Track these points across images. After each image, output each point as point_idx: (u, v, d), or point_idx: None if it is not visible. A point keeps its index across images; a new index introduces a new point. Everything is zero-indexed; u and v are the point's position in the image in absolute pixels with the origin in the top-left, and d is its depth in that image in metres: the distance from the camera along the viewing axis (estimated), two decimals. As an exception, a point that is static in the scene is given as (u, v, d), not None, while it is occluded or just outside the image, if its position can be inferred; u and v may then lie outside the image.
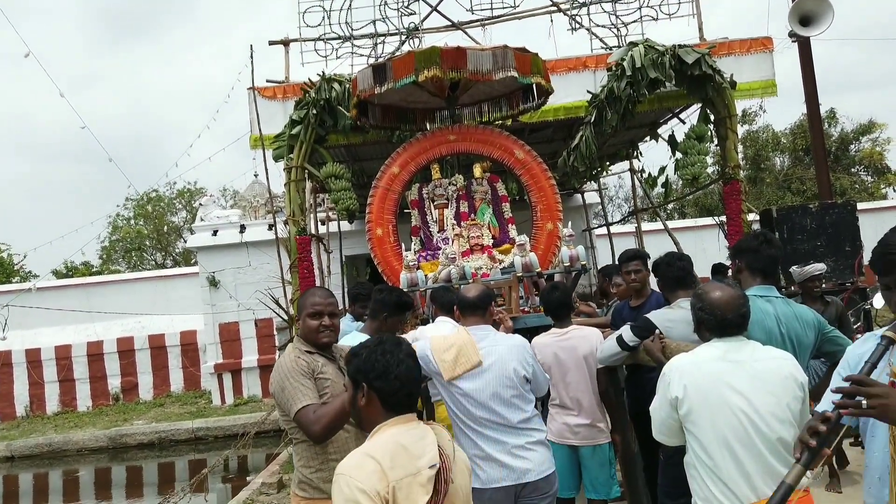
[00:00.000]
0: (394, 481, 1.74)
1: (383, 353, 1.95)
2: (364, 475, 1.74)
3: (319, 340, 2.77)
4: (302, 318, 2.82)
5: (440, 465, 1.82)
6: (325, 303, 2.80)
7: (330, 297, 2.87)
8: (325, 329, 2.78)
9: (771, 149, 22.24)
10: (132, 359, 13.95)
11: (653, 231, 11.98)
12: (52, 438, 11.86)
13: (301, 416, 2.54)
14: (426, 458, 1.82)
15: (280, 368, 2.67)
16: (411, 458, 1.81)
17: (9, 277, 20.57)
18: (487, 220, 5.61)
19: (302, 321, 2.82)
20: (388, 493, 1.72)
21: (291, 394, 2.58)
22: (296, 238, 6.32)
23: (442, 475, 1.82)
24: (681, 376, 2.36)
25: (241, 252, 12.87)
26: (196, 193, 24.69)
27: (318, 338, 2.77)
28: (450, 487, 1.83)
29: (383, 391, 1.91)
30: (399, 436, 1.85)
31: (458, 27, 8.36)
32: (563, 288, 4.17)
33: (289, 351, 2.76)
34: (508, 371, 3.01)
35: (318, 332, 2.76)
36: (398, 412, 1.91)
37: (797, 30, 8.22)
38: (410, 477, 1.78)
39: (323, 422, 2.51)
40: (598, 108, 6.20)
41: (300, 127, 6.24)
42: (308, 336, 2.79)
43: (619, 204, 25.87)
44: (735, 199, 6.20)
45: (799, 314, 2.84)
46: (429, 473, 1.79)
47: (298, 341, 2.83)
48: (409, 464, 1.79)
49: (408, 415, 1.93)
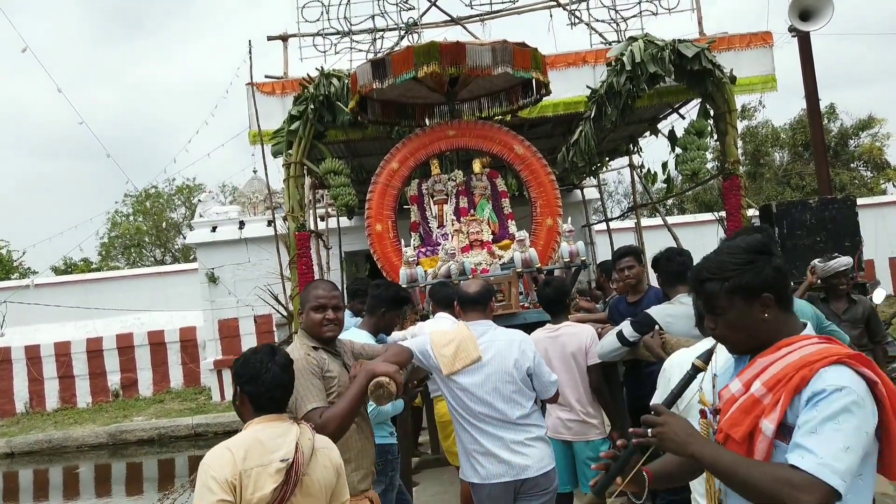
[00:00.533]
0: (242, 470, 2.04)
1: (256, 361, 2.26)
2: (217, 464, 2.05)
3: (323, 334, 2.71)
4: (305, 312, 2.75)
5: (294, 459, 2.10)
6: (328, 296, 2.74)
7: (334, 289, 2.81)
8: (329, 323, 2.71)
9: (770, 144, 22.22)
10: (132, 355, 13.95)
11: (652, 227, 11.97)
12: (52, 435, 11.87)
13: (308, 419, 2.47)
14: (281, 452, 2.11)
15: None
16: (265, 451, 2.10)
17: (8, 274, 20.56)
18: (487, 216, 5.60)
19: (305, 314, 2.75)
20: (235, 479, 2.03)
21: (302, 393, 2.52)
22: (295, 234, 6.31)
23: (294, 468, 2.09)
24: (681, 372, 2.35)
25: (240, 248, 12.86)
26: (195, 190, 24.70)
27: (322, 332, 2.71)
28: (304, 479, 2.13)
29: (251, 394, 2.23)
30: (259, 432, 2.16)
31: (456, 22, 8.34)
32: (557, 284, 4.16)
33: (297, 347, 2.70)
34: (508, 366, 3.00)
35: (322, 326, 2.70)
36: (265, 412, 2.22)
37: (797, 24, 8.21)
38: (261, 467, 2.07)
39: (330, 427, 2.46)
40: (598, 103, 6.19)
41: (299, 123, 6.22)
42: (311, 330, 2.73)
43: (618, 199, 25.87)
44: (735, 195, 6.19)
45: (798, 308, 2.84)
46: (279, 465, 2.08)
47: (303, 335, 2.77)
48: (262, 456, 2.09)
49: (274, 415, 2.23)
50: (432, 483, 5.84)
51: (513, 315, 4.46)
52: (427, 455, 6.38)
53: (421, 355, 3.03)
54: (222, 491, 2.02)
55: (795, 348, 1.57)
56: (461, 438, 3.06)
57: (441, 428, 4.64)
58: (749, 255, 1.67)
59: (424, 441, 6.66)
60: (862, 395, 1.46)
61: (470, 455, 3.01)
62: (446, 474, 5.72)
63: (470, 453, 3.01)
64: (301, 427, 2.25)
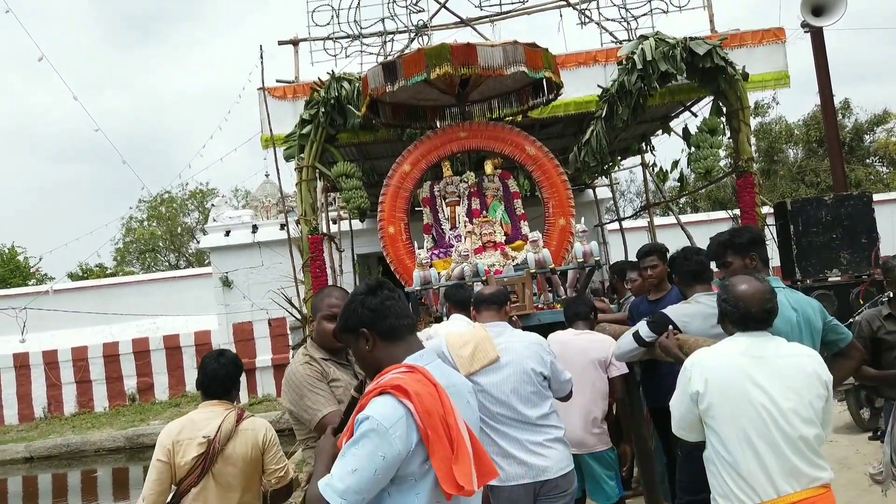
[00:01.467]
0: (175, 440, 2.78)
1: (206, 359, 2.94)
2: (164, 434, 2.84)
3: (336, 344, 2.59)
4: (317, 321, 2.63)
5: (214, 437, 2.77)
6: (342, 304, 2.65)
7: (347, 297, 2.74)
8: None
9: (784, 141, 22.01)
10: (147, 359, 14.05)
11: (666, 225, 11.90)
12: (70, 439, 11.98)
13: (325, 424, 2.34)
14: (205, 430, 2.78)
15: (293, 377, 2.52)
16: (195, 428, 2.81)
17: (25, 280, 20.79)
18: (499, 217, 5.60)
19: (317, 323, 2.63)
20: (170, 446, 2.77)
21: (312, 402, 2.45)
22: (308, 237, 6.34)
23: (213, 443, 2.76)
24: (702, 371, 2.33)
25: (253, 252, 12.93)
26: (208, 194, 24.86)
27: (335, 342, 2.57)
28: (225, 452, 2.78)
29: (198, 383, 2.96)
30: (196, 414, 2.89)
31: (466, 24, 8.34)
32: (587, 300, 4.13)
33: (299, 358, 2.61)
34: (526, 367, 2.98)
35: (335, 336, 2.56)
36: (209, 398, 2.92)
37: (810, 20, 8.13)
38: (189, 440, 2.78)
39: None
40: (609, 102, 6.16)
41: (310, 126, 6.25)
42: (324, 341, 2.62)
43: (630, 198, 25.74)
44: (749, 193, 6.14)
45: (808, 301, 2.84)
46: (200, 440, 2.76)
47: (312, 346, 2.66)
48: (192, 432, 2.80)
49: (217, 401, 2.91)
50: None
51: (527, 316, 4.45)
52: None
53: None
54: (161, 453, 2.78)
55: (382, 377, 1.78)
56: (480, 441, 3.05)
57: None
58: (354, 298, 1.99)
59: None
60: (387, 423, 1.65)
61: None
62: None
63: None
64: (230, 413, 2.84)
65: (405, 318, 1.98)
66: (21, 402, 13.87)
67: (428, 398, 1.72)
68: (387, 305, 1.93)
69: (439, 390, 1.76)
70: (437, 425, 1.70)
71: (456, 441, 1.72)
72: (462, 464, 1.71)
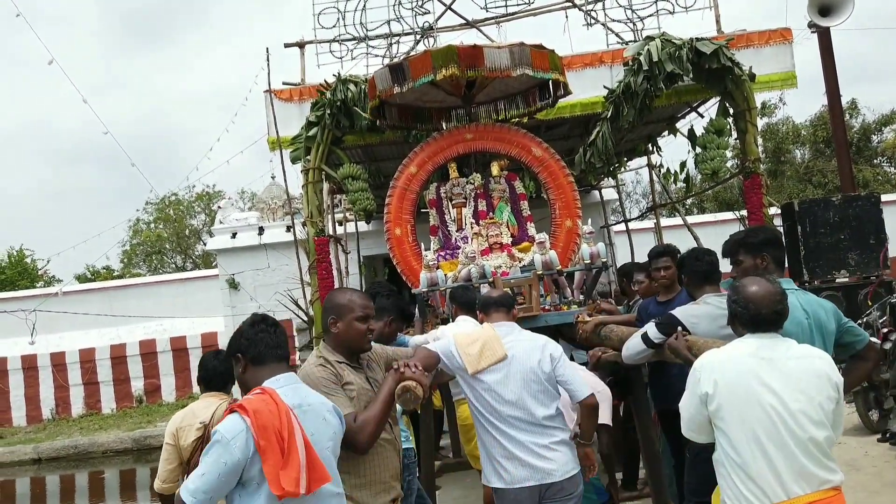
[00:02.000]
0: (178, 426, 3.31)
1: (204, 357, 3.59)
2: (170, 422, 3.38)
3: (364, 346, 2.65)
4: (346, 322, 2.59)
5: (209, 422, 3.18)
6: (370, 306, 2.66)
7: (370, 299, 2.74)
8: (370, 333, 2.65)
9: (791, 141, 21.92)
10: (154, 361, 14.11)
11: (672, 226, 11.87)
12: (78, 441, 12.03)
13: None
14: (201, 417, 3.26)
15: (308, 379, 2.50)
16: (194, 416, 3.31)
17: (33, 282, 20.90)
18: (506, 219, 5.59)
19: (345, 325, 2.59)
20: (175, 431, 3.31)
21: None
22: (314, 240, 6.35)
23: (208, 428, 3.14)
24: (711, 372, 2.33)
25: (259, 254, 12.96)
26: (214, 196, 24.94)
27: (364, 343, 2.63)
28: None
29: (201, 379, 3.52)
30: (195, 405, 3.42)
31: (472, 25, 8.34)
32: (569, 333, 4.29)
33: (312, 360, 2.61)
34: (534, 365, 2.97)
35: (365, 337, 2.62)
36: (209, 390, 3.46)
37: (816, 20, 8.11)
38: (189, 426, 3.29)
39: (368, 429, 2.41)
40: (615, 103, 6.15)
41: (317, 129, 6.26)
42: (354, 341, 2.62)
43: (636, 199, 25.70)
44: (756, 194, 6.11)
45: (820, 303, 2.80)
46: (198, 426, 3.25)
47: (326, 349, 2.64)
48: (192, 419, 3.31)
49: (215, 392, 3.44)
50: (454, 487, 5.83)
51: (534, 318, 4.44)
52: (448, 458, 6.38)
53: (445, 357, 3.02)
54: (169, 437, 3.32)
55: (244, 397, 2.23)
56: (484, 442, 3.03)
57: (463, 432, 4.64)
58: (240, 327, 2.40)
59: (445, 444, 6.65)
60: (229, 436, 2.06)
61: (493, 459, 2.98)
62: (468, 478, 5.71)
63: (493, 457, 2.98)
64: (224, 403, 3.28)
65: (275, 348, 2.35)
66: (29, 404, 13.95)
67: (266, 415, 2.11)
68: (260, 337, 2.34)
69: (280, 409, 2.14)
70: (271, 437, 2.08)
71: (287, 451, 2.10)
72: (290, 470, 2.08)
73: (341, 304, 2.64)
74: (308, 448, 2.14)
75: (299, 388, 2.31)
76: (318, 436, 2.22)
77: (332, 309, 2.65)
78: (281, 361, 2.35)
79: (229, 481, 2.06)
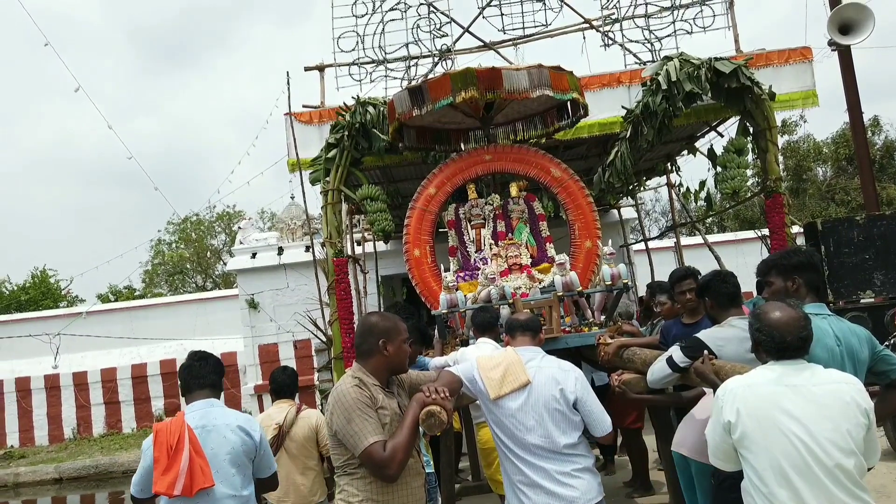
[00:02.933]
0: (262, 425, 3.38)
1: (275, 372, 4.39)
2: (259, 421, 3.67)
3: (406, 368, 2.80)
4: (395, 344, 2.64)
5: (281, 422, 4.12)
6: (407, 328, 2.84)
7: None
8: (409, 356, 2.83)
9: (812, 159, 21.71)
10: (174, 381, 14.15)
11: (692, 245, 11.78)
12: (99, 460, 12.09)
13: (371, 453, 2.40)
14: (277, 419, 4.15)
15: (344, 398, 2.50)
16: (271, 419, 4.16)
17: (56, 302, 21.19)
18: (525, 239, 5.58)
19: (395, 347, 2.64)
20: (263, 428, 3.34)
21: (360, 427, 2.43)
22: (333, 260, 6.38)
23: (282, 427, 4.11)
24: (734, 399, 2.28)
25: (279, 274, 13.03)
26: (235, 216, 25.19)
27: (406, 365, 2.78)
28: (291, 433, 4.15)
29: (272, 389, 4.36)
30: (271, 410, 4.29)
31: (490, 47, 8.40)
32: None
33: (348, 380, 2.59)
34: (557, 393, 2.90)
35: (408, 359, 2.78)
36: (279, 398, 4.32)
37: (837, 38, 8.04)
38: (267, 426, 3.99)
39: (398, 458, 2.41)
40: (634, 123, 6.14)
41: (336, 150, 6.32)
42: (401, 363, 2.69)
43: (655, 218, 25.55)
44: (778, 213, 6.05)
45: (853, 330, 2.73)
46: (274, 426, 4.10)
47: (361, 372, 2.64)
48: (270, 421, 4.14)
49: (284, 400, 4.31)
50: (474, 510, 5.76)
51: (554, 339, 4.40)
52: (468, 482, 6.31)
53: (468, 381, 2.99)
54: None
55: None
56: (506, 469, 2.99)
57: (484, 455, 4.59)
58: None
59: (465, 467, 6.59)
60: (145, 447, 2.96)
61: (515, 486, 2.93)
62: (488, 502, 5.64)
63: (515, 484, 2.93)
64: (292, 408, 4.21)
65: (198, 378, 3.09)
66: (51, 423, 14.07)
67: (164, 433, 2.91)
68: (191, 369, 3.12)
69: (182, 427, 2.90)
70: (163, 449, 2.86)
71: (172, 459, 2.83)
72: (167, 475, 2.81)
73: (390, 327, 2.67)
74: (192, 458, 2.83)
75: (210, 411, 3.01)
76: (216, 450, 2.92)
77: (381, 332, 2.65)
78: (203, 389, 3.09)
79: (149, 478, 2.91)
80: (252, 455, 3.01)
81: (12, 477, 11.93)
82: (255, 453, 3.02)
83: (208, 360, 3.14)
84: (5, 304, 20.76)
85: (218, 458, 2.88)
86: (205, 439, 2.88)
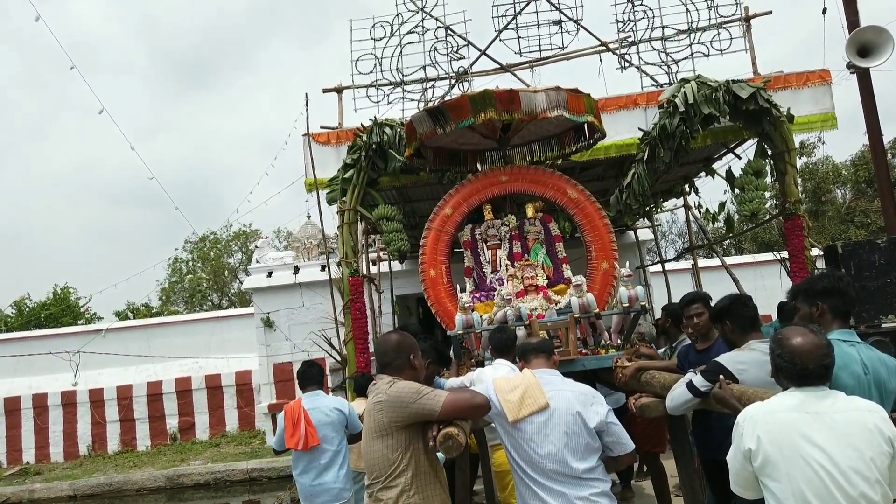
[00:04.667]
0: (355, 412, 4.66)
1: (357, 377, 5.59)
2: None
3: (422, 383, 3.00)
4: (419, 359, 2.88)
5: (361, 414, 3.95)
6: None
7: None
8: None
9: (832, 181, 21.52)
10: (189, 399, 14.20)
11: (710, 268, 11.66)
12: (113, 478, 12.09)
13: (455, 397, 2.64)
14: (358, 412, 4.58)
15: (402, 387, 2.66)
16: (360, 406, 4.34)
17: (75, 319, 21.39)
18: (541, 261, 5.56)
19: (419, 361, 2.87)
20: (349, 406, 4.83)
21: (433, 392, 2.63)
22: (349, 280, 6.39)
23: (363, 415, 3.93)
24: (754, 427, 2.23)
25: (294, 293, 13.07)
26: (251, 235, 25.38)
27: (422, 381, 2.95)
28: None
29: (354, 388, 5.52)
30: (354, 403, 4.92)
31: (506, 69, 8.46)
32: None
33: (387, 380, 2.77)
34: (575, 416, 2.86)
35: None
36: (359, 397, 5.18)
37: (856, 61, 8.00)
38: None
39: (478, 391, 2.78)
40: (651, 145, 6.13)
41: (353, 171, 6.37)
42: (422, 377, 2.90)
43: (672, 239, 25.38)
44: (797, 236, 5.99)
45: (882, 359, 2.67)
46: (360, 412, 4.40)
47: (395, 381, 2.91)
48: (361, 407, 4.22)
49: (361, 398, 5.01)
50: (489, 534, 5.68)
51: (571, 362, 4.36)
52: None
53: None
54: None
55: None
56: (521, 494, 2.94)
57: (499, 478, 4.54)
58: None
59: (479, 489, 6.51)
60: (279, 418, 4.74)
61: (531, 511, 2.89)
62: (503, 526, 5.56)
63: (530, 508, 2.90)
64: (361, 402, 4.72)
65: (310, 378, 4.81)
66: (67, 440, 14.13)
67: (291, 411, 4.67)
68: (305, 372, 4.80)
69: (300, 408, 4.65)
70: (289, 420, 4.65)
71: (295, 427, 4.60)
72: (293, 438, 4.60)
73: (413, 343, 2.89)
74: (307, 427, 4.55)
75: (316, 398, 4.72)
76: (319, 423, 4.58)
77: (408, 347, 2.86)
78: (312, 384, 4.80)
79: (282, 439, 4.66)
80: (344, 422, 4.67)
81: (27, 493, 11.97)
82: (346, 422, 4.68)
83: (314, 367, 4.86)
84: (26, 320, 21.00)
85: (322, 426, 4.58)
86: (313, 415, 4.58)
